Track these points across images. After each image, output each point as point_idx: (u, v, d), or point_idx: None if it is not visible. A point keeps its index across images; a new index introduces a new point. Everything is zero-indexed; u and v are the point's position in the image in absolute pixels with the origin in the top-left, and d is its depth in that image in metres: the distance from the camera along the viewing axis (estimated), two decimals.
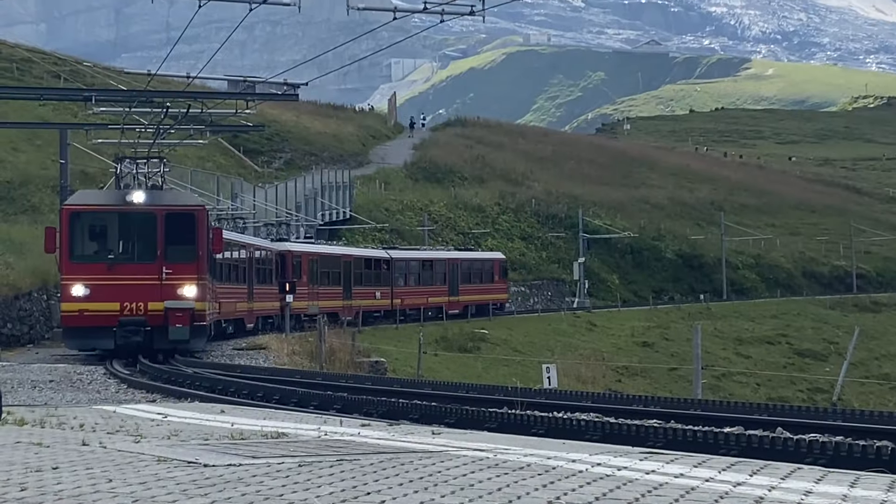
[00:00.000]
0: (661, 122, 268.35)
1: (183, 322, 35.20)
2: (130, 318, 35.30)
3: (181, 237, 36.23)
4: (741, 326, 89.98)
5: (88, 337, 35.82)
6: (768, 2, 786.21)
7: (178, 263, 35.87)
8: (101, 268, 35.71)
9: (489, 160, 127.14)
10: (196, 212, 36.89)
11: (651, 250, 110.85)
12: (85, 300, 35.37)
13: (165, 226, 36.06)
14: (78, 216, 36.54)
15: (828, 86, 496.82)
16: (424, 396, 22.00)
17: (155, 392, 24.93)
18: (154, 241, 36.12)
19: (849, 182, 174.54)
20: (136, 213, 36.27)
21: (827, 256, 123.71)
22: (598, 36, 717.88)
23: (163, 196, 37.79)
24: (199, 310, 36.00)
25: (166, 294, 35.54)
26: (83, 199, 38.03)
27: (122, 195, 37.02)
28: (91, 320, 35.26)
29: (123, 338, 35.09)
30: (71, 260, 35.87)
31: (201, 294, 36.16)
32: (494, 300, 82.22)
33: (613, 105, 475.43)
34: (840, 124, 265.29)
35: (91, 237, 37.04)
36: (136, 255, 36.18)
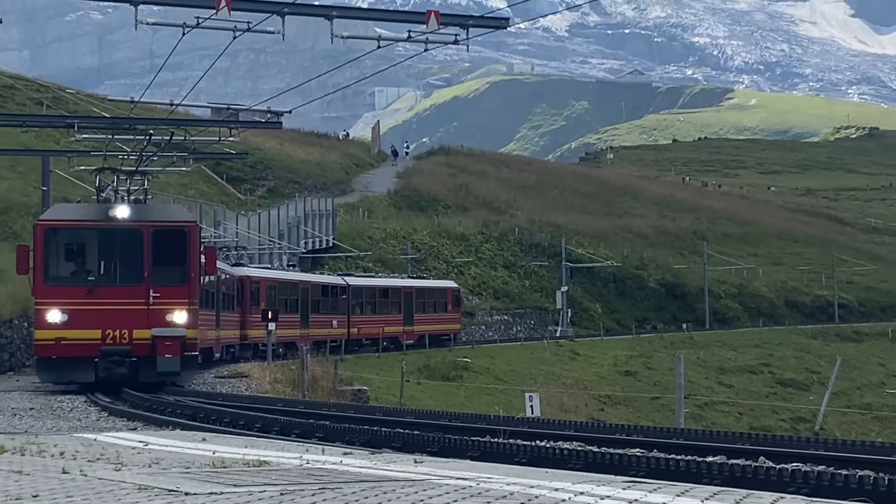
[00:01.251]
0: (645, 152, 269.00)
1: (173, 352, 31.70)
2: (114, 347, 31.79)
3: (170, 257, 32.89)
4: (723, 356, 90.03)
5: (66, 369, 32.06)
6: (751, 32, 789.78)
7: (167, 286, 32.44)
8: (81, 291, 32.29)
9: (473, 189, 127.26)
10: (187, 228, 33.31)
11: (634, 279, 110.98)
12: (62, 327, 31.87)
13: (153, 244, 32.64)
14: (54, 232, 32.95)
15: (810, 116, 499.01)
16: (407, 425, 21.93)
17: (136, 420, 24.81)
18: (140, 260, 32.68)
19: (831, 212, 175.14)
20: (119, 229, 32.91)
21: (809, 286, 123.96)
22: (582, 65, 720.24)
23: (150, 210, 34.27)
24: (191, 338, 32.59)
25: (154, 320, 32.08)
26: (60, 214, 34.13)
27: (103, 209, 33.41)
28: (69, 350, 31.74)
29: (106, 369, 31.63)
30: (46, 282, 32.39)
31: (193, 321, 32.79)
32: (448, 330, 78.88)
33: (597, 134, 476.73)
34: (822, 155, 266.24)
35: (69, 256, 33.46)
36: (120, 277, 32.90)
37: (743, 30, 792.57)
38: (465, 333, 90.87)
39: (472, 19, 25.89)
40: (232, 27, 23.80)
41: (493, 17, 27.11)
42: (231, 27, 23.68)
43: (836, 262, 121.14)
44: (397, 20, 27.12)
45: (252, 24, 24.10)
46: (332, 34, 24.16)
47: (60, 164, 52.86)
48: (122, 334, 31.99)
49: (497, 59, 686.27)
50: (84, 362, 31.78)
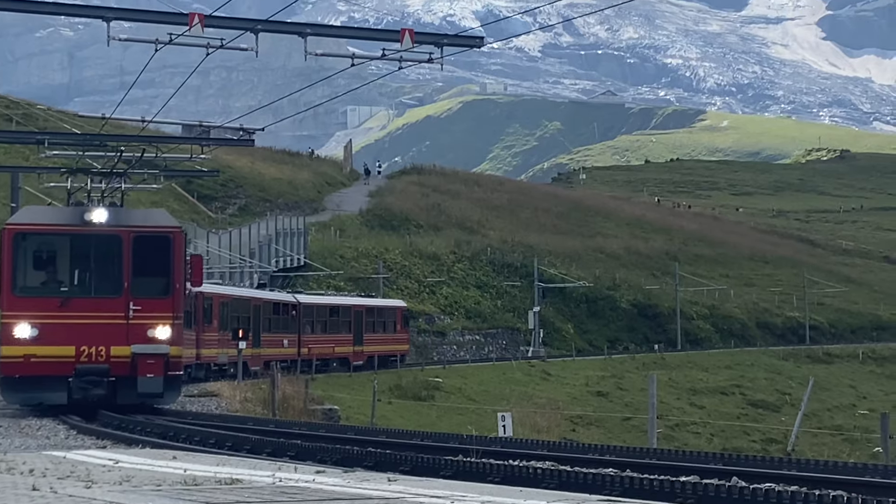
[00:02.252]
0: (617, 172, 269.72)
1: (155, 371, 28.96)
2: (89, 365, 28.96)
3: (152, 266, 30.12)
4: (695, 377, 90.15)
5: (35, 389, 29.16)
6: (723, 54, 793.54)
7: (148, 298, 29.68)
8: (53, 303, 29.51)
9: (445, 208, 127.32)
10: (171, 234, 30.27)
11: (606, 300, 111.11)
12: (31, 343, 29.07)
13: (133, 251, 29.78)
14: (23, 238, 30.00)
15: (782, 138, 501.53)
16: (379, 444, 21.83)
17: (105, 438, 24.61)
18: (119, 270, 29.83)
19: (802, 234, 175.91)
20: (96, 234, 29.88)
21: (780, 307, 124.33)
22: (555, 86, 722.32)
23: (130, 215, 31.15)
24: (175, 356, 29.75)
25: (134, 336, 29.28)
26: (30, 218, 31.09)
27: (78, 213, 30.26)
28: (39, 368, 28.94)
29: (81, 390, 28.81)
30: (14, 293, 29.54)
31: (177, 337, 29.90)
32: (396, 351, 75.99)
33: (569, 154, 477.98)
34: (794, 176, 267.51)
35: (40, 265, 30.51)
36: (96, 288, 29.97)
37: (715, 52, 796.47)
38: (437, 353, 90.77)
39: (447, 38, 25.85)
40: (205, 44, 23.74)
41: (467, 37, 27.09)
42: (204, 44, 23.62)
43: (808, 284, 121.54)
44: (371, 38, 27.14)
45: (225, 40, 24.03)
46: (306, 52, 24.12)
47: (30, 181, 52.67)
48: (98, 351, 29.15)
49: (470, 79, 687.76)
50: (56, 382, 28.89)
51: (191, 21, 22.39)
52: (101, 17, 23.23)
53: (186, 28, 22.46)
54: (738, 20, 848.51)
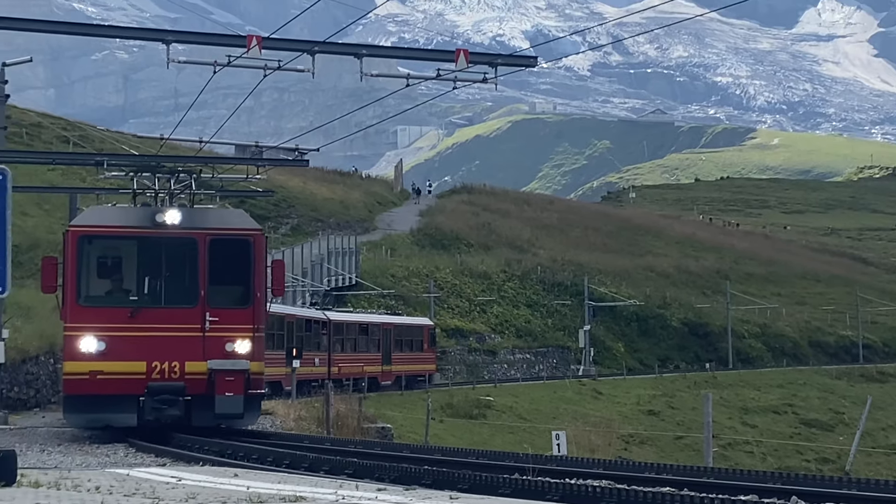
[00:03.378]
0: (667, 191, 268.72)
1: (234, 389, 26.37)
2: (163, 383, 26.40)
3: (231, 273, 27.61)
4: (747, 395, 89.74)
5: (102, 409, 26.42)
6: (774, 72, 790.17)
7: (226, 309, 27.19)
8: (121, 314, 26.93)
9: (495, 227, 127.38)
10: (252, 238, 27.68)
11: (657, 318, 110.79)
12: (98, 358, 26.39)
13: (210, 256, 27.22)
14: (89, 242, 27.42)
15: (833, 156, 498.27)
16: (435, 462, 21.93)
17: (164, 456, 24.83)
18: (194, 277, 27.31)
19: (854, 252, 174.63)
20: (168, 237, 27.31)
21: (833, 326, 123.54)
22: (604, 104, 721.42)
23: (206, 216, 28.42)
24: (256, 372, 27.12)
25: (211, 351, 26.74)
26: (96, 219, 28.25)
27: (149, 214, 27.70)
28: (106, 386, 26.25)
29: (154, 410, 26.24)
30: (78, 302, 26.96)
31: (258, 351, 27.27)
32: (423, 371, 75.19)
33: (619, 173, 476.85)
34: (845, 194, 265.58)
35: (106, 271, 27.94)
36: (169, 297, 27.40)
37: (766, 69, 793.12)
38: (488, 372, 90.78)
39: (501, 58, 26.01)
40: (262, 66, 24.01)
41: (520, 56, 27.22)
42: (261, 66, 23.89)
43: (860, 302, 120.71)
44: (426, 59, 27.27)
45: (282, 62, 24.29)
46: (362, 72, 24.31)
47: (87, 202, 53.14)
48: (171, 367, 26.56)
49: (519, 99, 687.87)
50: (125, 401, 26.28)
51: (249, 43, 22.66)
52: (162, 40, 23.53)
53: (244, 50, 22.74)
54: (789, 38, 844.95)
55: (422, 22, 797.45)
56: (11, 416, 38.87)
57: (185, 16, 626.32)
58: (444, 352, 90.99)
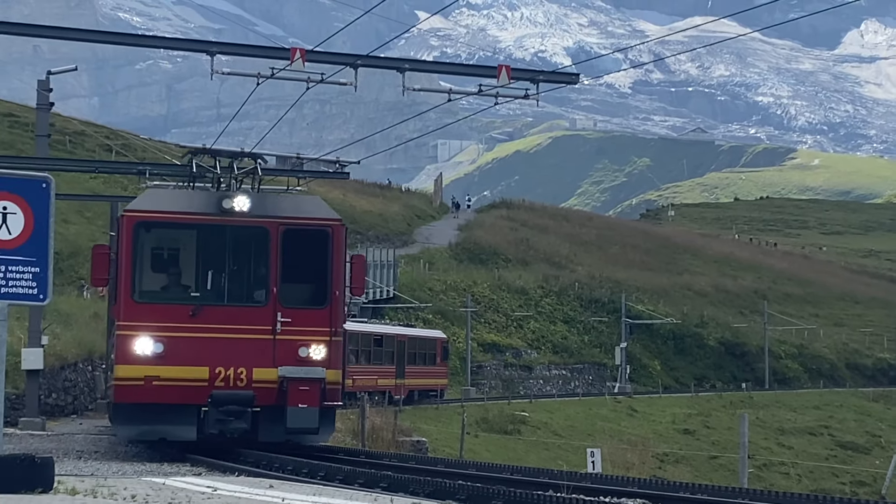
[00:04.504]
0: (706, 210, 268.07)
1: (309, 400, 23.37)
2: (230, 392, 23.43)
3: (307, 268, 24.66)
4: (783, 416, 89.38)
5: (157, 420, 23.44)
6: (815, 93, 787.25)
7: (300, 309, 24.25)
8: (182, 312, 23.87)
9: (533, 243, 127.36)
10: (331, 228, 24.58)
11: (693, 337, 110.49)
12: (155, 362, 23.41)
13: (283, 248, 24.20)
14: (146, 229, 24.33)
15: (873, 178, 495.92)
16: (469, 477, 21.95)
17: (200, 466, 24.97)
18: (265, 272, 24.31)
19: (894, 274, 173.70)
20: (237, 227, 24.29)
21: (871, 348, 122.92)
22: (644, 122, 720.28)
23: (279, 202, 25.13)
24: (333, 382, 24.10)
25: (283, 356, 23.80)
26: (154, 204, 24.82)
27: (215, 199, 24.55)
28: (163, 394, 23.35)
29: (218, 423, 23.25)
30: (133, 298, 23.79)
31: (335, 357, 24.32)
32: (436, 385, 73.18)
33: (658, 191, 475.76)
34: (886, 216, 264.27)
35: (166, 263, 24.91)
36: (236, 294, 24.45)
37: (807, 90, 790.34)
38: (524, 388, 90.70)
39: (542, 74, 26.10)
40: (305, 78, 24.17)
41: (562, 73, 27.32)
42: (304, 78, 24.05)
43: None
44: (467, 74, 27.42)
45: (325, 75, 24.43)
46: (404, 86, 24.44)
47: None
48: (237, 374, 23.60)
49: (560, 115, 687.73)
50: (184, 412, 23.39)
51: (292, 56, 22.83)
52: (206, 52, 23.76)
53: (288, 63, 22.91)
54: (831, 59, 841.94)
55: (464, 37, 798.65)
56: (49, 422, 39.13)
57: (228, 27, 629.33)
58: (480, 366, 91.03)
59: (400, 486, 19.87)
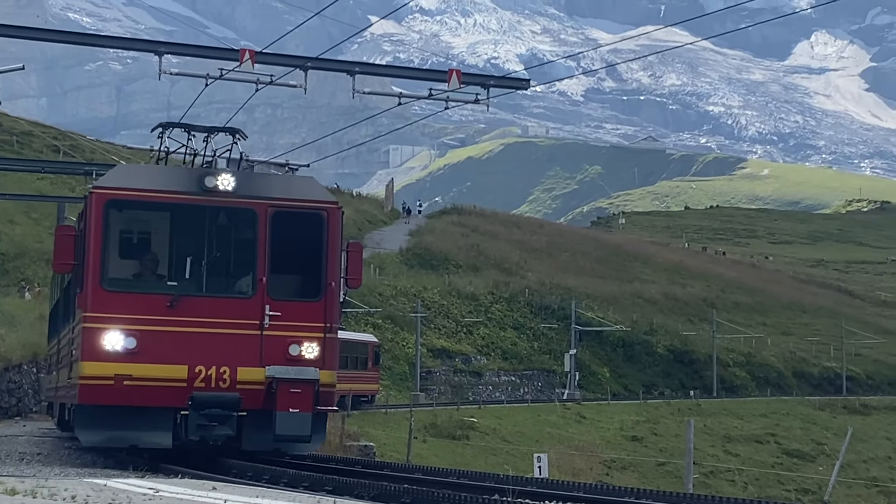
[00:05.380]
0: (656, 218, 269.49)
1: (300, 404, 20.84)
2: (212, 393, 20.77)
3: (299, 255, 21.95)
4: (730, 424, 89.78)
5: (129, 425, 20.78)
6: (765, 103, 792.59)
7: (292, 301, 21.53)
8: (158, 303, 20.96)
9: (484, 249, 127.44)
10: (325, 212, 21.94)
11: (643, 345, 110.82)
12: (126, 359, 20.58)
13: (272, 233, 21.49)
14: (118, 208, 21.35)
15: (822, 188, 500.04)
16: (415, 481, 21.90)
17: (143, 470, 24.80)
18: (251, 259, 21.45)
19: (841, 284, 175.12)
20: (220, 208, 21.56)
21: (818, 357, 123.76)
22: (596, 130, 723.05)
23: (268, 182, 22.24)
24: (326, 384, 21.42)
25: (271, 354, 21.15)
26: (127, 180, 21.66)
27: (196, 177, 21.62)
28: (136, 395, 20.60)
29: (199, 429, 20.69)
30: (103, 286, 20.86)
31: (330, 356, 21.66)
32: (367, 391, 70.95)
33: (609, 199, 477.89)
34: (833, 227, 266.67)
35: (140, 248, 21.97)
36: (219, 284, 21.53)
37: (758, 100, 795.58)
38: (473, 393, 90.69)
39: (493, 79, 26.13)
40: (255, 80, 24.08)
41: (513, 79, 27.35)
42: (254, 80, 23.95)
43: (845, 335, 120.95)
44: (418, 78, 27.37)
45: (274, 77, 24.35)
46: (354, 89, 24.39)
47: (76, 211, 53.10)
48: (220, 374, 20.92)
49: (512, 122, 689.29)
50: (159, 416, 20.80)
51: (241, 57, 22.75)
52: (154, 51, 23.61)
53: (237, 64, 22.81)
54: (782, 70, 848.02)
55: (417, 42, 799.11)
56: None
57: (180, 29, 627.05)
58: (430, 372, 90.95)
59: (345, 489, 19.80)
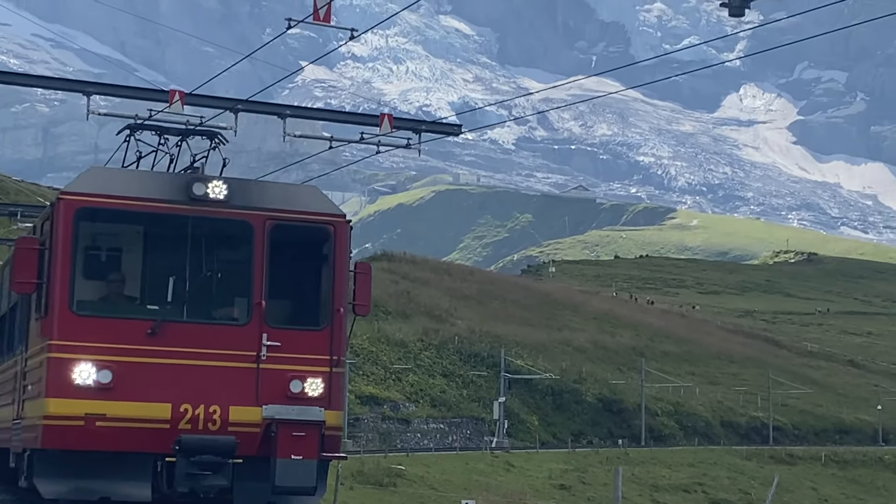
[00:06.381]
0: (586, 267, 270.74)
1: (305, 451, 17.44)
2: (202, 437, 17.35)
3: (302, 276, 18.93)
4: (658, 473, 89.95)
5: (101, 473, 17.24)
6: (695, 154, 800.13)
7: (293, 329, 18.30)
8: (138, 330, 17.54)
9: (414, 296, 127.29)
10: (333, 226, 18.81)
11: (571, 393, 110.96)
12: (100, 395, 17.15)
13: (270, 250, 18.22)
14: (91, 219, 17.97)
15: (750, 239, 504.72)
16: None
17: None
18: (246, 279, 18.11)
19: (768, 334, 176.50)
20: (211, 219, 18.14)
21: (745, 407, 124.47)
22: (527, 178, 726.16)
23: (266, 191, 18.76)
24: (333, 427, 17.97)
25: (269, 391, 17.79)
26: (103, 186, 17.99)
27: (182, 183, 18.29)
28: (110, 439, 17.16)
29: (189, 478, 17.15)
30: (73, 310, 17.42)
31: (336, 395, 18.35)
32: None
33: (539, 247, 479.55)
34: (761, 277, 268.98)
35: (115, 267, 18.55)
36: (210, 309, 18.22)
37: (687, 151, 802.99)
38: (401, 441, 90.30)
39: (425, 124, 26.10)
40: (184, 121, 23.86)
41: (445, 124, 27.34)
42: (183, 121, 23.73)
43: (772, 385, 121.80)
44: (350, 122, 27.28)
45: (204, 118, 24.15)
46: (285, 132, 24.25)
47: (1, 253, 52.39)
48: (209, 413, 17.55)
49: (443, 169, 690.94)
50: (137, 464, 17.39)
51: (171, 98, 22.54)
52: (82, 91, 23.35)
53: (166, 105, 22.60)
54: (711, 121, 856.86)
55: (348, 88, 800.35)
56: None
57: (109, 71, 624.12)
58: (358, 419, 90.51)
59: None
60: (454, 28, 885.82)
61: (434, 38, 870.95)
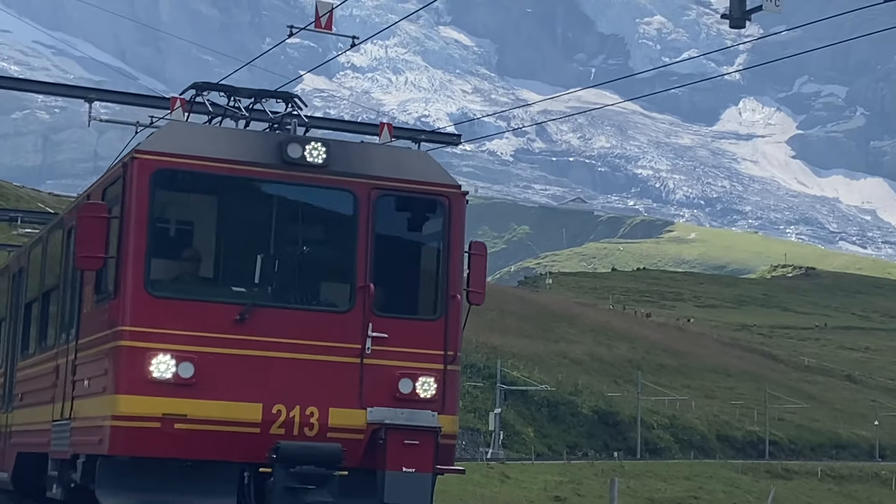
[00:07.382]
0: (583, 279, 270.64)
1: (418, 463, 14.94)
2: (303, 445, 14.62)
3: (413, 256, 16.43)
4: (653, 486, 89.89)
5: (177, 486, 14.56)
6: (693, 167, 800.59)
7: (403, 318, 15.69)
8: (224, 316, 14.79)
9: None
10: (447, 197, 15.94)
11: (567, 405, 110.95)
12: (181, 392, 14.49)
13: (376, 225, 15.52)
14: (171, 182, 15.05)
15: (748, 253, 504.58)
16: None
17: None
18: (349, 259, 15.37)
19: (765, 349, 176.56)
20: (309, 188, 15.40)
21: (741, 421, 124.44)
22: (525, 190, 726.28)
23: (369, 154, 15.94)
24: (448, 435, 15.43)
25: (374, 391, 15.22)
26: (185, 145, 15.12)
27: (273, 144, 15.35)
28: (191, 444, 14.51)
29: (288, 493, 14.36)
30: (149, 291, 14.68)
31: (451, 397, 15.74)
32: None
33: (537, 259, 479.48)
34: (758, 291, 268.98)
35: (193, 240, 15.72)
36: (306, 293, 15.48)
37: (686, 164, 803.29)
38: None
39: (424, 134, 26.16)
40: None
41: (444, 133, 27.43)
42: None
43: (769, 399, 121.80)
44: (349, 131, 27.35)
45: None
46: None
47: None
48: (305, 416, 14.88)
49: None
50: (222, 473, 14.70)
51: (172, 105, 22.59)
52: (84, 98, 23.41)
53: (167, 112, 22.65)
54: (710, 135, 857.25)
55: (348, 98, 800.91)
56: None
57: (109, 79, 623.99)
58: None
59: None
60: (454, 39, 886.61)
61: (433, 48, 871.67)
